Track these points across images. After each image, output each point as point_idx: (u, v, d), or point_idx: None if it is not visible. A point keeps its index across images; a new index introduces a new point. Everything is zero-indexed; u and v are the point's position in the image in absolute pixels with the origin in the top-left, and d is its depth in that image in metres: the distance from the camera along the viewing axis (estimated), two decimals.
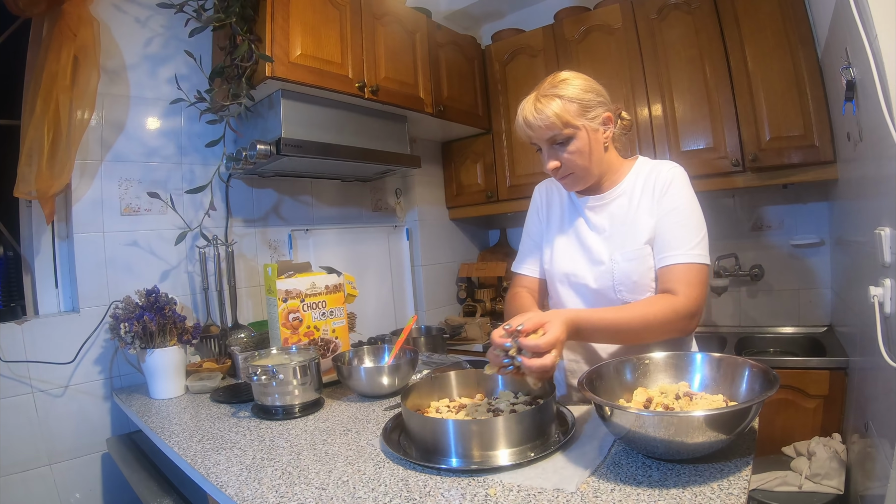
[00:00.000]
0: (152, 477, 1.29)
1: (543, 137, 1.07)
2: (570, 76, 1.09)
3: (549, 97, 1.05)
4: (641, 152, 2.19)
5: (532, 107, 1.06)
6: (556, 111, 1.04)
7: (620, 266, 1.10)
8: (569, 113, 1.04)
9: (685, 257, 1.05)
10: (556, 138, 1.07)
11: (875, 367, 1.19)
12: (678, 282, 1.03)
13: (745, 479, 0.73)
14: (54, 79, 1.45)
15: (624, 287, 1.10)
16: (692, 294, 1.02)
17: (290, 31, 1.68)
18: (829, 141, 1.82)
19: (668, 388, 0.93)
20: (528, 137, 1.10)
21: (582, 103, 1.06)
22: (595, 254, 1.14)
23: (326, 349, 1.48)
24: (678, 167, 1.14)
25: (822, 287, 2.17)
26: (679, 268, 1.04)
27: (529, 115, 1.06)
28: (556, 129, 1.05)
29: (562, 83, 1.07)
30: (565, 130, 1.05)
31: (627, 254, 1.10)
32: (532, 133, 1.08)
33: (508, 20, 2.88)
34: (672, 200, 1.09)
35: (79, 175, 1.60)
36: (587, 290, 1.15)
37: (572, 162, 1.08)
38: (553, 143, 1.08)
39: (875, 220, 1.14)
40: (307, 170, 2.08)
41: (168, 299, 1.56)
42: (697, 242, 1.06)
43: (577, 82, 1.08)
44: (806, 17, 1.85)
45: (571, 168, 1.09)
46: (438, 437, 0.88)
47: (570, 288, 1.18)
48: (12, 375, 1.45)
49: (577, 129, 1.06)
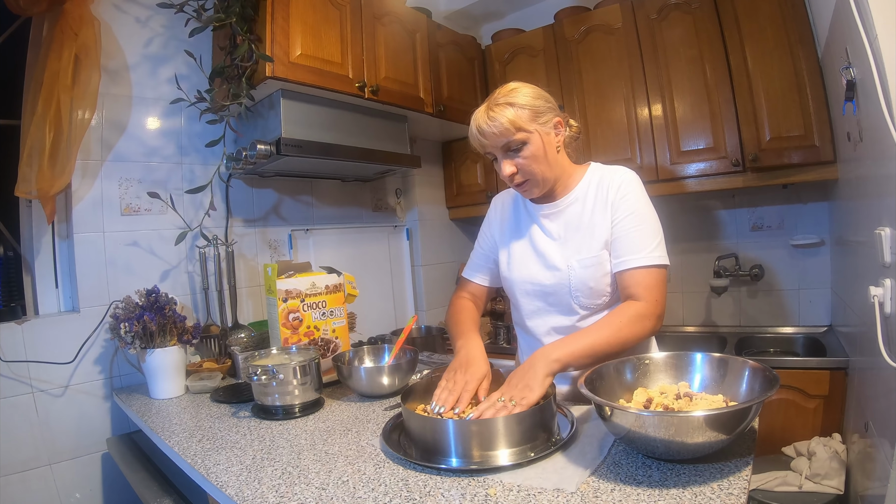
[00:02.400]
0: (152, 477, 1.29)
1: (498, 145, 1.09)
2: (519, 85, 1.11)
3: (502, 105, 1.07)
4: (641, 152, 2.20)
5: (485, 115, 1.08)
6: (509, 117, 1.06)
7: (577, 273, 1.12)
8: (521, 118, 1.07)
9: (645, 260, 1.07)
10: (510, 144, 1.08)
11: (875, 367, 1.19)
12: (639, 286, 1.06)
13: (745, 479, 0.73)
14: (55, 78, 1.45)
15: (581, 293, 1.13)
16: (654, 297, 1.05)
17: (290, 31, 1.68)
18: (829, 141, 1.81)
19: (668, 389, 0.93)
20: (483, 146, 1.11)
21: (533, 109, 1.08)
22: (550, 260, 1.16)
23: (326, 349, 1.48)
24: (631, 173, 1.16)
25: (822, 287, 2.16)
26: (639, 272, 1.07)
27: (483, 123, 1.07)
28: (510, 134, 1.07)
29: (512, 92, 1.09)
30: (518, 135, 1.07)
31: (584, 260, 1.12)
32: (486, 141, 1.09)
33: (508, 20, 2.88)
34: (627, 205, 1.11)
35: (79, 175, 1.60)
36: (544, 295, 1.18)
37: (528, 167, 1.10)
38: (508, 150, 1.09)
39: (875, 220, 1.14)
40: (307, 170, 2.08)
41: (168, 299, 1.56)
42: (656, 245, 1.08)
43: (526, 90, 1.10)
44: (806, 17, 1.85)
45: (527, 173, 1.11)
46: (438, 437, 0.88)
47: (528, 295, 1.21)
48: (12, 375, 1.45)
49: (530, 133, 1.08)
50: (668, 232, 2.43)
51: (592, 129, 2.33)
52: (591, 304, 1.14)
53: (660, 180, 2.18)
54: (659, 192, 2.20)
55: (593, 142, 2.32)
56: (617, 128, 2.26)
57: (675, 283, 2.49)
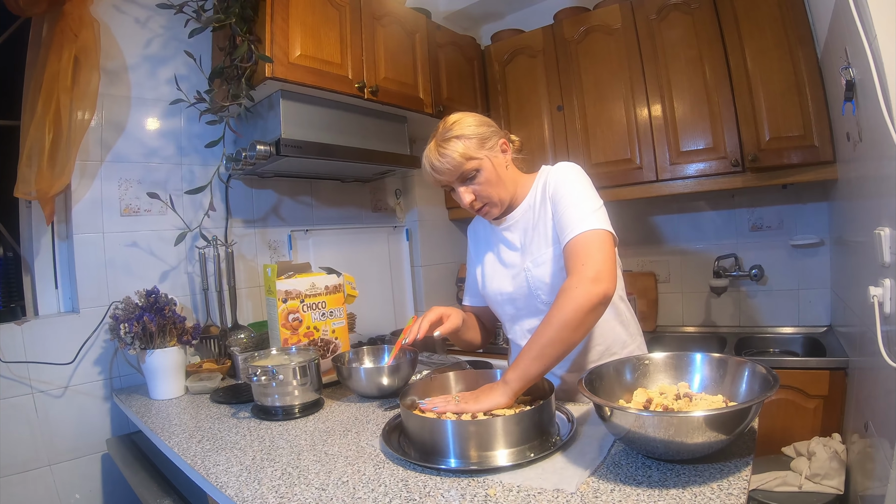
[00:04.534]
0: (152, 477, 1.29)
1: (453, 178, 1.13)
2: (460, 117, 1.16)
3: (448, 140, 1.11)
4: (641, 153, 2.20)
5: (435, 153, 1.11)
6: (459, 151, 1.10)
7: (532, 273, 1.16)
8: (469, 149, 1.11)
9: (576, 229, 1.03)
10: (464, 175, 1.12)
11: (875, 367, 1.19)
12: (573, 255, 1.01)
13: (744, 479, 0.73)
14: (55, 79, 1.45)
15: (540, 290, 1.15)
16: (581, 262, 0.99)
17: (289, 32, 1.68)
18: (828, 141, 1.82)
19: (668, 389, 0.93)
20: (438, 182, 1.15)
21: (479, 137, 1.12)
22: (514, 268, 1.21)
23: (326, 350, 1.48)
24: (568, 164, 1.16)
25: (822, 287, 2.16)
26: (570, 244, 1.03)
27: (435, 160, 1.11)
28: (462, 166, 1.11)
29: (455, 125, 1.13)
30: (470, 164, 1.11)
31: (536, 259, 1.15)
32: (441, 177, 1.13)
33: (508, 21, 2.88)
34: (560, 192, 1.10)
35: (79, 175, 1.60)
36: (512, 301, 1.22)
37: (484, 192, 1.14)
38: (464, 180, 1.14)
39: (875, 220, 1.14)
40: (307, 170, 2.08)
41: (168, 300, 1.56)
42: (589, 212, 1.04)
43: (468, 120, 1.15)
44: (805, 17, 1.85)
45: (485, 198, 1.15)
46: (437, 437, 0.88)
47: (501, 305, 1.25)
48: (12, 376, 1.45)
49: (481, 160, 1.12)
50: (668, 232, 2.43)
51: (592, 130, 2.33)
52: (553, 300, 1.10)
53: (659, 181, 2.18)
54: (658, 193, 2.20)
55: (593, 142, 2.32)
56: (616, 128, 2.26)
57: (675, 283, 2.49)
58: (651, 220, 2.51)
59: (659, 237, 2.50)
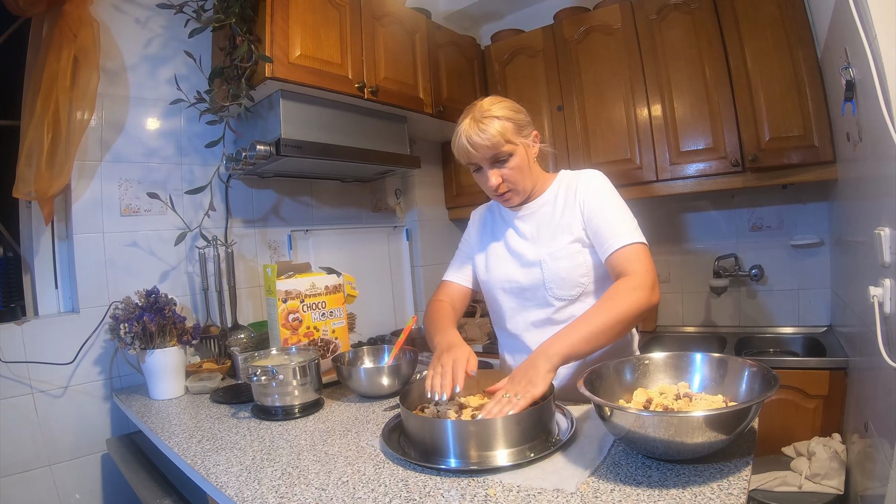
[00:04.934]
0: (152, 477, 1.29)
1: (487, 156, 1.13)
2: (500, 99, 1.17)
3: (489, 118, 1.12)
4: (641, 153, 2.20)
5: (476, 128, 1.11)
6: (499, 129, 1.11)
7: (549, 265, 1.18)
8: (508, 131, 1.12)
9: (625, 240, 1.10)
10: (498, 156, 1.14)
11: (875, 367, 1.19)
12: (628, 261, 1.09)
13: (744, 479, 0.73)
14: (54, 79, 1.45)
15: (554, 284, 1.18)
16: (642, 268, 1.07)
17: (289, 32, 1.68)
18: (828, 141, 1.82)
19: (668, 389, 0.93)
20: (470, 157, 1.15)
21: (517, 122, 1.15)
22: (525, 257, 1.22)
23: (326, 350, 1.49)
24: (598, 171, 1.22)
25: (822, 287, 2.16)
26: (623, 251, 1.10)
27: (475, 135, 1.11)
28: (500, 146, 1.12)
29: (496, 106, 1.14)
30: (506, 147, 1.13)
31: (555, 253, 1.18)
32: (477, 153, 1.13)
33: (508, 21, 2.88)
34: (598, 198, 1.16)
35: (77, 175, 1.60)
36: (520, 291, 1.23)
37: (513, 177, 1.16)
38: (495, 162, 1.15)
39: (875, 220, 1.14)
40: (307, 170, 2.08)
41: (168, 300, 1.56)
42: (634, 227, 1.13)
43: (507, 104, 1.16)
44: (805, 17, 1.85)
45: (512, 184, 1.17)
46: (438, 437, 0.88)
47: (507, 293, 1.26)
48: (12, 376, 1.45)
49: (516, 146, 1.14)
50: (668, 232, 2.43)
51: (592, 130, 2.33)
52: (564, 294, 1.18)
53: (659, 180, 2.18)
54: (658, 193, 2.20)
55: (593, 142, 2.32)
56: (616, 128, 2.26)
57: (675, 283, 2.49)
58: (651, 220, 2.51)
59: (659, 237, 2.50)
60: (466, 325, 2.58)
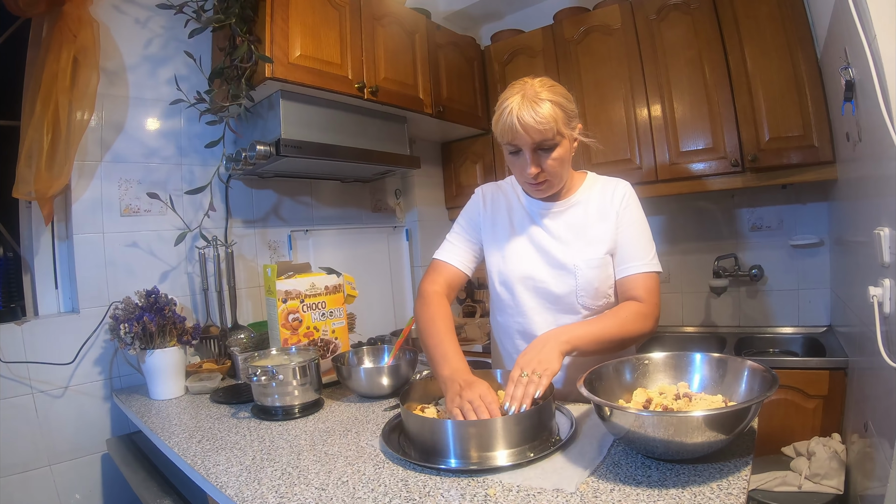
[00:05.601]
0: (152, 477, 1.29)
1: (534, 140, 1.05)
2: (551, 82, 1.10)
3: (544, 100, 1.04)
4: (641, 153, 2.20)
5: (529, 107, 1.03)
6: (552, 114, 1.04)
7: (584, 273, 1.15)
8: (560, 120, 1.05)
9: (645, 267, 1.15)
10: (543, 144, 1.06)
11: (874, 367, 1.19)
12: (641, 289, 1.14)
13: (744, 479, 0.73)
14: (54, 80, 1.45)
15: (585, 293, 1.16)
16: (654, 300, 1.14)
17: (289, 32, 1.68)
18: (828, 141, 1.82)
19: (668, 389, 0.93)
20: (515, 138, 1.06)
21: (567, 112, 1.08)
22: (556, 259, 1.18)
23: (326, 350, 1.49)
24: (629, 184, 1.23)
25: (822, 287, 2.16)
26: (641, 276, 1.15)
27: (527, 114, 1.02)
28: (551, 133, 1.05)
29: (551, 88, 1.07)
30: (555, 137, 1.06)
31: (590, 261, 1.16)
32: (525, 134, 1.04)
33: (508, 21, 2.88)
34: (630, 215, 1.18)
35: (77, 176, 1.60)
36: (548, 294, 1.19)
37: (553, 168, 1.09)
38: (538, 149, 1.08)
39: (874, 220, 1.14)
40: (307, 170, 2.08)
41: (168, 300, 1.56)
42: (653, 255, 1.17)
43: (560, 89, 1.09)
44: (805, 17, 1.85)
45: (550, 174, 1.11)
46: (437, 437, 0.88)
47: (532, 291, 1.20)
48: (12, 376, 1.45)
49: (563, 137, 1.08)
50: (668, 232, 2.44)
51: (592, 130, 2.33)
52: (593, 304, 1.17)
53: (659, 180, 2.18)
54: (658, 193, 2.20)
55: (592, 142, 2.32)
56: (616, 128, 2.26)
57: (675, 283, 2.49)
58: (651, 220, 2.49)
59: (659, 237, 2.49)
60: (466, 326, 2.58)
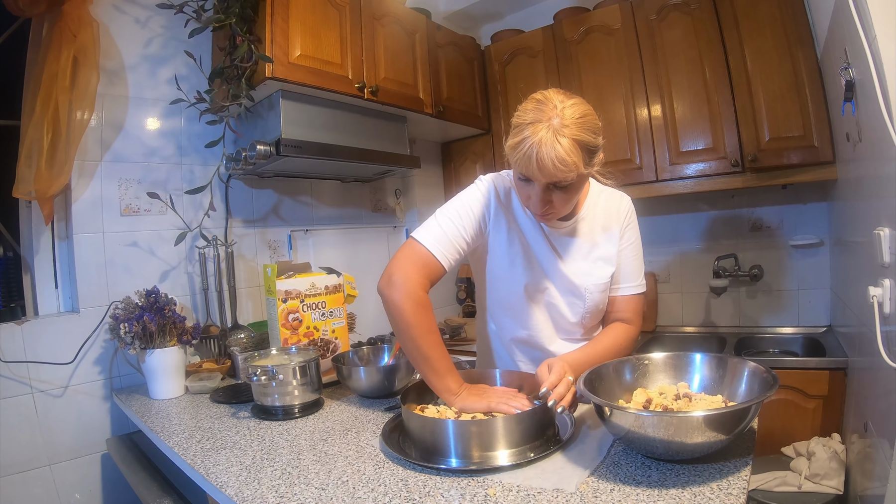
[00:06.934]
0: (152, 477, 1.28)
1: (549, 181, 0.96)
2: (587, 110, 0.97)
3: (567, 138, 0.92)
4: (641, 153, 2.20)
5: (552, 148, 0.91)
6: (575, 161, 0.92)
7: (593, 296, 1.16)
8: (582, 161, 0.94)
9: (637, 289, 1.19)
10: (559, 183, 0.97)
11: (874, 368, 1.19)
12: (631, 311, 1.19)
13: (744, 479, 0.73)
14: (54, 79, 1.45)
15: (590, 315, 1.18)
16: (640, 321, 1.21)
17: (289, 32, 1.68)
18: (828, 141, 1.82)
19: (668, 389, 0.93)
20: (529, 173, 0.97)
21: (591, 149, 0.97)
22: (569, 282, 1.14)
23: (326, 349, 1.49)
24: (631, 200, 1.22)
25: (822, 287, 2.16)
26: (632, 299, 1.19)
27: (548, 158, 0.91)
28: (570, 177, 0.95)
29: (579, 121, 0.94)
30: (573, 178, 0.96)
31: (599, 286, 1.16)
32: (539, 174, 0.95)
33: (508, 21, 2.89)
34: (631, 234, 1.19)
35: (77, 175, 1.60)
36: (557, 313, 1.18)
37: (562, 203, 1.01)
38: (552, 185, 0.98)
39: (874, 220, 1.14)
40: (307, 170, 2.08)
41: (168, 300, 1.56)
42: (643, 274, 1.21)
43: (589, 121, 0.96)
44: (805, 17, 1.85)
45: (559, 209, 1.03)
46: (438, 437, 0.88)
47: (540, 305, 1.17)
48: (12, 376, 1.45)
49: (583, 176, 0.99)
50: (668, 232, 2.44)
51: None
52: (591, 323, 1.21)
53: (659, 181, 2.18)
54: (658, 193, 2.20)
55: None
56: (616, 128, 2.26)
57: (675, 283, 2.49)
58: (651, 220, 2.51)
59: (659, 237, 2.50)
60: (466, 326, 2.58)
